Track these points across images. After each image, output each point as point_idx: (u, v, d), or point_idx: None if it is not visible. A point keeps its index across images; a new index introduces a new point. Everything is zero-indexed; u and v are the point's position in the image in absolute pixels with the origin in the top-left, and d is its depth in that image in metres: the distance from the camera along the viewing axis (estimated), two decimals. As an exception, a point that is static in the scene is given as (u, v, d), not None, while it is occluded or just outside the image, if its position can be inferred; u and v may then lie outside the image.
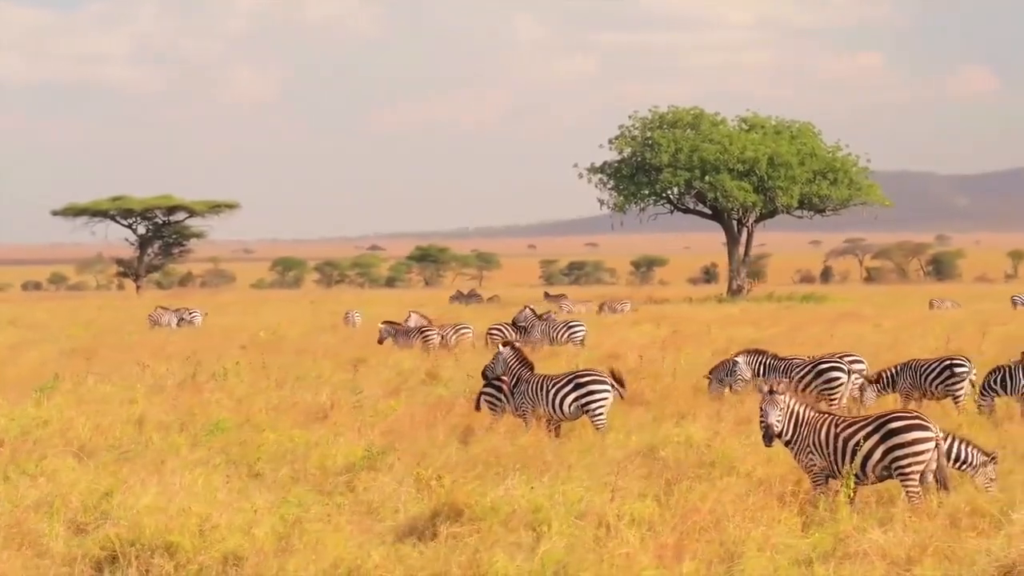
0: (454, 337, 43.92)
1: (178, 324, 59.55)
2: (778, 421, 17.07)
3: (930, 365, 26.10)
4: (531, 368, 24.22)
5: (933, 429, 16.83)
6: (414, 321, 45.74)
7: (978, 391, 24.71)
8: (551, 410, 23.42)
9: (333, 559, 12.98)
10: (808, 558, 13.94)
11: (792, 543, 14.41)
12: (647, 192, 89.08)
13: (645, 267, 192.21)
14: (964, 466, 17.67)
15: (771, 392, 17.13)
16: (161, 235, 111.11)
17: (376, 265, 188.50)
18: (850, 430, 16.95)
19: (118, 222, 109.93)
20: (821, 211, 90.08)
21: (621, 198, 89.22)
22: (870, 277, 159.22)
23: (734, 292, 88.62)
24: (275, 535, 14.20)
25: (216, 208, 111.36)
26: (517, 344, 24.91)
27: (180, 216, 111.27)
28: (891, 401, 26.09)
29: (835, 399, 25.40)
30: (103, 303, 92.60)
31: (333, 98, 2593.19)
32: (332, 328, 56.53)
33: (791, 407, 17.21)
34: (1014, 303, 70.70)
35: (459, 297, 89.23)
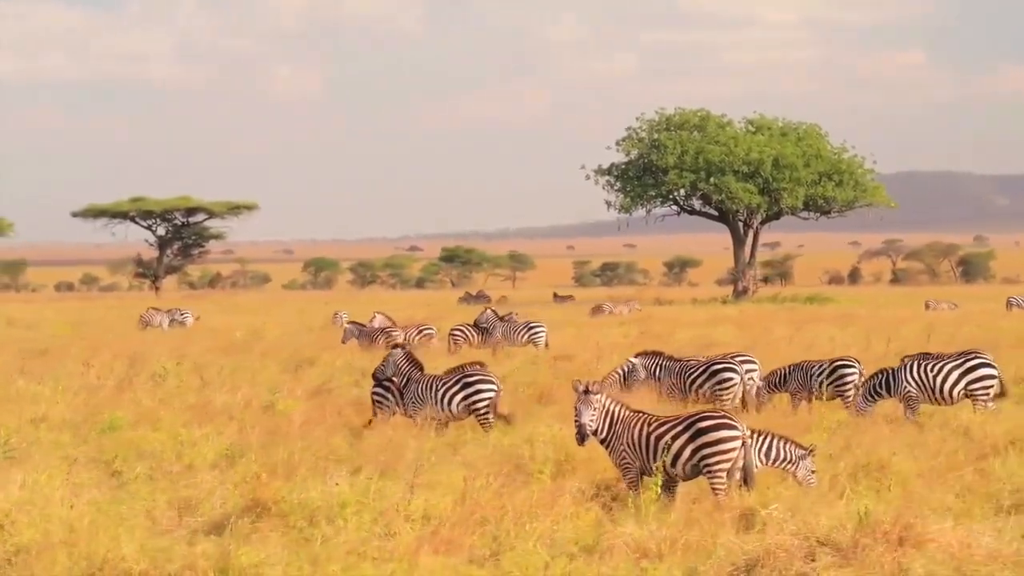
0: (417, 338, 44.61)
1: (169, 325, 60.42)
2: (592, 420, 17.66)
3: (820, 366, 26.62)
4: (421, 369, 24.94)
5: (740, 428, 17.41)
6: (379, 322, 46.49)
7: (862, 394, 25.19)
8: (440, 409, 24.12)
9: (88, 553, 13.68)
10: (571, 552, 14.54)
11: (570, 537, 15.02)
12: (653, 194, 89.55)
13: (678, 268, 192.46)
14: (783, 463, 18.28)
15: (586, 392, 17.73)
16: (180, 236, 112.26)
17: (408, 266, 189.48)
18: (661, 429, 17.53)
19: (137, 223, 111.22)
20: (826, 213, 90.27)
21: (627, 200, 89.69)
22: (897, 278, 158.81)
23: (740, 294, 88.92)
24: (67, 529, 14.88)
25: (235, 209, 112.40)
26: (407, 346, 25.59)
27: (199, 217, 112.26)
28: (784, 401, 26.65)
29: (726, 399, 25.92)
30: (116, 304, 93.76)
31: (375, 97, 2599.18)
32: (320, 329, 57.26)
33: (606, 406, 17.81)
34: (1009, 305, 70.76)
35: (468, 298, 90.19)
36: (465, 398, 24.05)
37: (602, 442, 17.85)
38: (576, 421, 17.72)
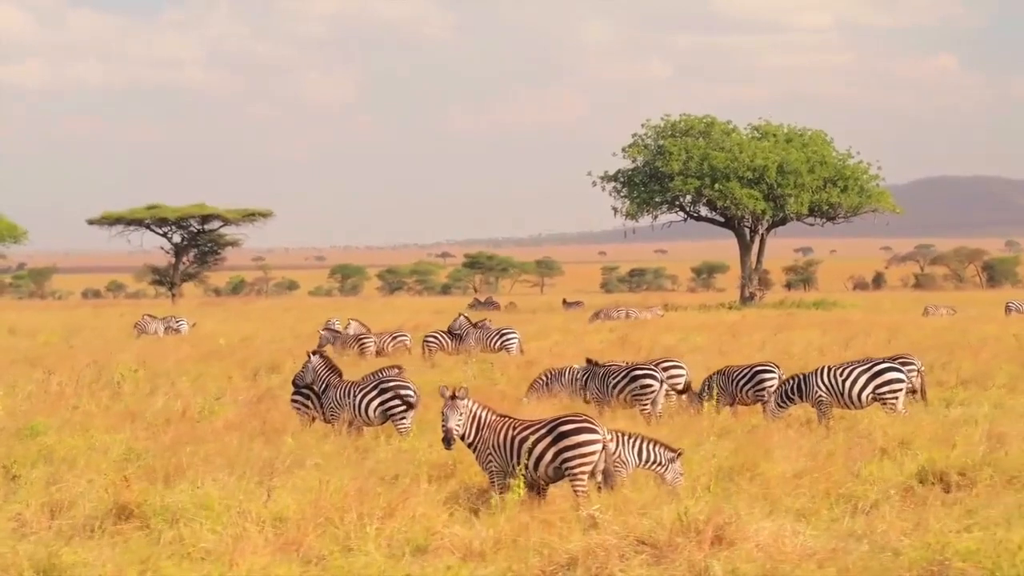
0: (391, 345, 45.16)
1: (165, 332, 61.14)
2: (459, 425, 18.14)
3: (741, 372, 27.04)
4: (339, 375, 25.46)
5: (601, 432, 17.88)
6: (353, 329, 47.03)
7: (774, 399, 25.59)
8: (357, 415, 24.64)
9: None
10: (403, 552, 15.04)
11: (407, 537, 15.52)
12: (659, 200, 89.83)
13: (706, 273, 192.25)
14: (653, 464, 18.75)
15: (453, 397, 18.22)
16: (196, 243, 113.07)
17: (434, 272, 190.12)
18: (525, 432, 18.00)
19: (153, 230, 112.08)
20: (832, 219, 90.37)
21: (633, 206, 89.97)
22: (920, 283, 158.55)
23: (746, 299, 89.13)
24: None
25: (250, 216, 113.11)
26: (326, 352, 26.11)
27: (214, 224, 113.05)
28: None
29: (646, 404, 26.33)
30: (129, 311, 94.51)
31: (408, 102, 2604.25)
32: (308, 336, 57.77)
33: (473, 411, 18.29)
34: (1007, 310, 70.78)
35: (476, 304, 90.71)
36: (382, 403, 24.56)
37: (469, 445, 18.32)
38: (443, 426, 18.20)
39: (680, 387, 28.04)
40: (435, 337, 45.09)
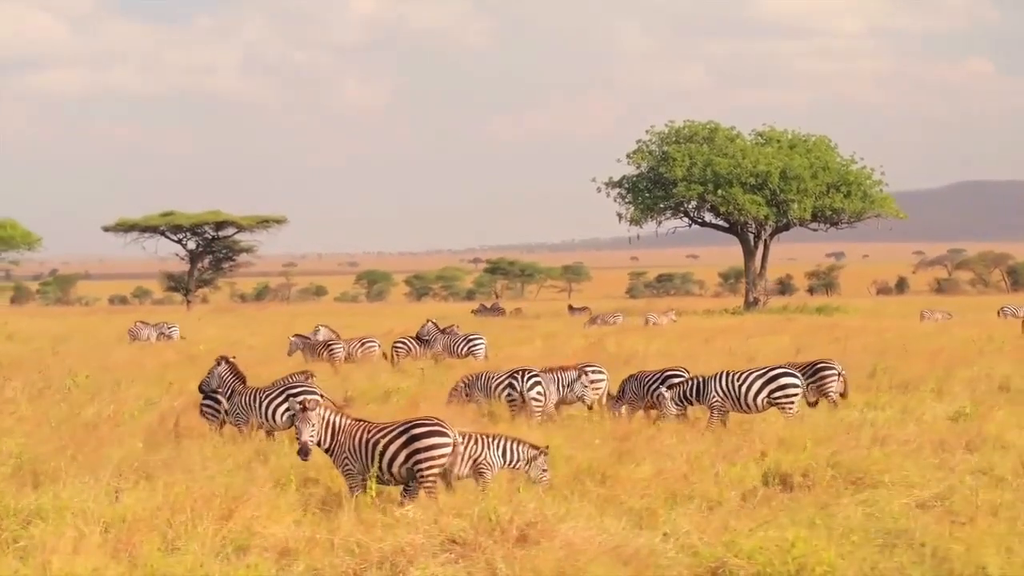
0: (360, 351, 45.70)
1: (157, 338, 61.92)
2: (312, 436, 18.62)
3: (653, 376, 27.49)
4: (244, 381, 26.02)
5: (451, 434, 18.41)
6: (323, 335, 47.64)
7: (670, 399, 26.05)
8: (264, 420, 25.22)
9: None
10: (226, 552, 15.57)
11: (234, 538, 16.05)
12: (663, 206, 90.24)
13: (733, 278, 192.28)
14: (518, 463, 19.27)
15: (303, 409, 18.72)
16: (211, 250, 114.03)
17: (460, 278, 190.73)
18: (378, 435, 18.53)
19: (168, 237, 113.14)
20: (835, 224, 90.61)
21: (638, 212, 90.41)
22: (942, 288, 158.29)
23: (750, 304, 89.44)
24: None
25: (264, 223, 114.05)
26: (232, 359, 26.66)
27: (229, 231, 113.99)
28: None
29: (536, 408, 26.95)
30: (145, 316, 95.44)
31: (443, 109, 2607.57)
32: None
33: (326, 418, 18.79)
34: (1002, 314, 70.90)
35: (483, 310, 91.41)
36: (288, 409, 25.09)
37: (327, 451, 18.82)
38: (297, 439, 18.71)
39: (600, 392, 28.53)
40: (404, 343, 45.64)
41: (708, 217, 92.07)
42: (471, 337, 45.84)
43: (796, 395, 25.51)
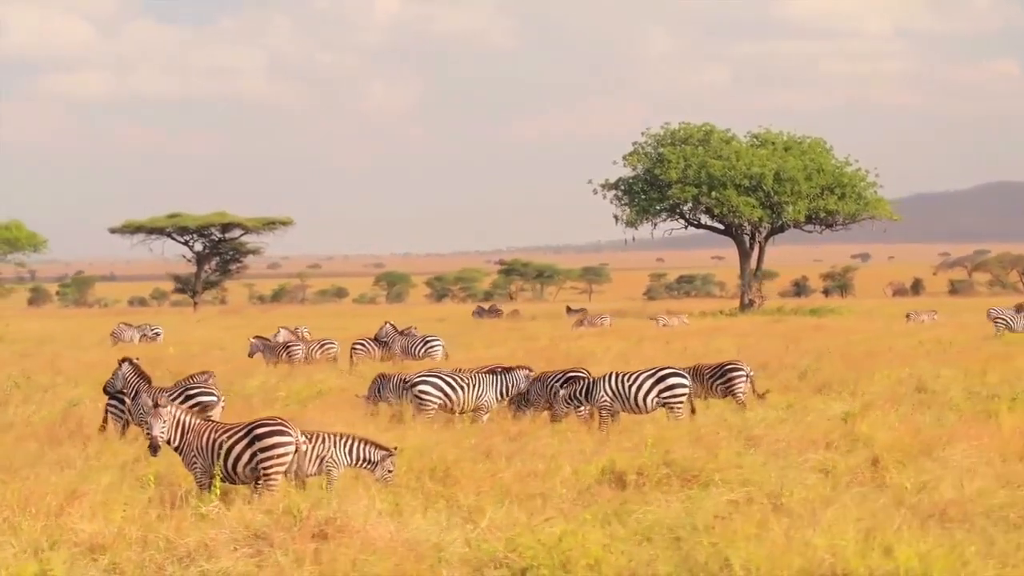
0: (319, 352, 46.31)
1: (140, 340, 62.67)
2: (162, 432, 19.23)
3: (555, 377, 27.99)
4: (148, 382, 26.67)
5: (294, 435, 18.99)
6: (283, 336, 48.31)
7: (560, 399, 26.57)
8: (166, 419, 25.83)
9: None
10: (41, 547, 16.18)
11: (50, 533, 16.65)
12: (659, 208, 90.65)
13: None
14: (364, 463, 19.86)
15: (156, 406, 19.33)
16: (218, 252, 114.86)
17: (479, 279, 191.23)
18: (224, 435, 19.11)
19: (175, 239, 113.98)
20: (830, 226, 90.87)
21: (633, 214, 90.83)
22: (955, 290, 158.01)
23: (745, 306, 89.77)
24: None
25: (270, 225, 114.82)
26: (135, 360, 27.28)
27: (236, 233, 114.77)
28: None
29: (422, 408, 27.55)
30: (152, 319, 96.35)
31: (468, 110, 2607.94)
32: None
33: (176, 417, 19.39)
34: (990, 316, 70.82)
35: (480, 312, 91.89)
36: (192, 407, 25.67)
37: (176, 449, 19.41)
38: (147, 434, 19.30)
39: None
40: (362, 344, 46.22)
41: (703, 219, 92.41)
42: (428, 339, 46.41)
43: (684, 395, 26.00)
